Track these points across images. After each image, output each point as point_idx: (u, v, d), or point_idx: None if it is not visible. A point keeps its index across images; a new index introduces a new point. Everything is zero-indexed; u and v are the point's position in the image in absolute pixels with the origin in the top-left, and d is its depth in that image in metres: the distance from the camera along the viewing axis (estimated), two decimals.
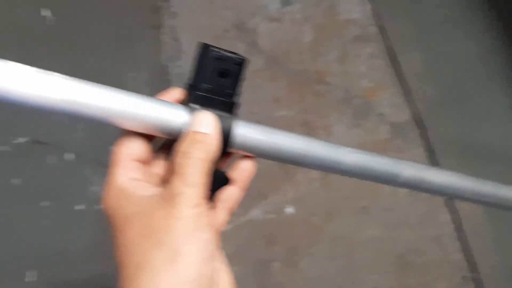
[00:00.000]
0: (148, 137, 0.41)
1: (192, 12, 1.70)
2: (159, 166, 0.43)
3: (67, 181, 1.18)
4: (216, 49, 0.40)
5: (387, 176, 0.47)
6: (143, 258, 0.35)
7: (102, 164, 1.30)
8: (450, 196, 0.51)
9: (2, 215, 1.00)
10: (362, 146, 1.39)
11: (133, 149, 0.40)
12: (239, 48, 1.60)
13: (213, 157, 0.39)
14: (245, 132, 0.42)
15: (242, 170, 0.44)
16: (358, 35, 1.55)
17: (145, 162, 0.41)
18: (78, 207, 1.19)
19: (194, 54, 0.42)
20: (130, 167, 0.39)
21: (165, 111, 0.39)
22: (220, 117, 0.40)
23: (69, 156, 1.18)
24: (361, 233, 1.31)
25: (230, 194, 0.43)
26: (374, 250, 1.30)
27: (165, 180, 0.41)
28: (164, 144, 0.43)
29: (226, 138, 0.40)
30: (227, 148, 0.41)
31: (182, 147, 0.38)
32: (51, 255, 1.09)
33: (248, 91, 1.55)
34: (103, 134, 0.56)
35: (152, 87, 1.62)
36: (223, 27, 1.65)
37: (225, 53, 0.41)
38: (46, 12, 1.24)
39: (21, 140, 1.07)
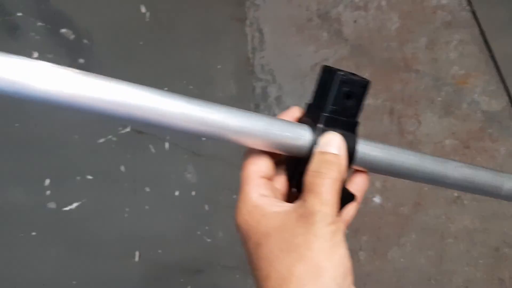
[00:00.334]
0: (271, 154, 0.44)
1: (275, 3, 1.72)
2: (279, 181, 0.45)
3: (166, 169, 1.25)
4: (343, 73, 0.42)
5: (489, 189, 0.49)
6: (288, 272, 0.37)
7: (195, 153, 1.36)
8: None
9: (112, 199, 1.08)
10: (454, 135, 1.35)
11: (261, 166, 0.43)
12: (324, 37, 1.60)
13: (343, 177, 0.41)
14: (364, 149, 0.44)
15: (359, 185, 0.46)
16: (448, 21, 1.50)
17: (269, 178, 0.44)
18: (175, 193, 1.26)
19: (318, 76, 0.44)
20: (259, 184, 0.42)
21: (292, 131, 0.42)
22: (345, 136, 0.42)
23: (167, 145, 1.25)
24: (453, 224, 1.27)
25: (349, 209, 0.46)
26: (466, 241, 1.26)
27: (284, 194, 0.45)
28: (280, 160, 0.46)
29: (351, 156, 0.42)
30: (350, 166, 0.43)
31: (314, 166, 0.41)
32: (151, 237, 1.16)
33: None
34: None
35: (237, 78, 1.66)
36: (306, 17, 1.66)
37: (352, 76, 0.43)
38: (144, 9, 1.31)
39: (126, 130, 1.14)
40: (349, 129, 0.43)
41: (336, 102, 0.42)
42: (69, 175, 1.01)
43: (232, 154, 1.51)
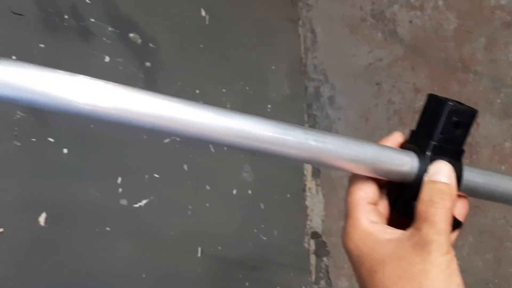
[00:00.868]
0: (375, 180, 0.45)
1: (328, 3, 1.73)
2: (381, 206, 0.47)
3: (224, 168, 1.29)
4: (452, 104, 0.43)
5: None
6: None
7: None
8: None
9: (176, 197, 1.13)
10: None
11: (368, 192, 0.44)
12: (378, 37, 1.60)
13: (454, 205, 0.42)
14: (469, 176, 0.45)
15: (461, 210, 0.47)
16: (507, 21, 1.47)
17: (375, 204, 0.45)
18: (233, 191, 1.30)
19: (424, 104, 0.46)
20: (368, 210, 0.44)
21: (399, 158, 0.43)
22: (452, 164, 0.43)
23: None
24: None
25: (454, 234, 0.47)
26: None
27: (387, 218, 0.46)
28: (382, 184, 0.47)
29: (458, 184, 0.44)
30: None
31: (427, 195, 0.42)
32: (211, 234, 1.21)
33: (387, 81, 1.55)
34: None
35: (290, 78, 1.69)
36: (360, 17, 1.66)
37: (460, 106, 0.44)
38: (204, 12, 1.35)
39: None
40: (455, 157, 0.44)
41: (445, 131, 0.43)
42: (138, 174, 1.06)
43: None
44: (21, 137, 0.91)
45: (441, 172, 0.43)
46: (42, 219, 0.88)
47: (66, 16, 1.06)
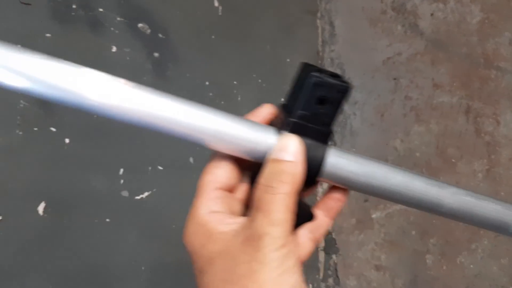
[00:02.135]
0: (237, 160, 0.38)
1: None
2: (242, 191, 0.39)
3: None
4: (317, 74, 0.36)
5: (494, 224, 0.43)
6: None
7: None
8: None
9: (181, 189, 1.12)
10: None
11: (217, 176, 0.37)
12: (398, 30, 1.54)
13: (298, 189, 0.35)
14: (338, 162, 0.38)
15: (333, 201, 0.41)
16: None
17: (230, 189, 0.38)
18: None
19: (297, 74, 0.39)
20: (212, 197, 0.36)
21: (255, 133, 0.36)
22: (311, 145, 0.37)
23: None
24: None
25: (317, 225, 0.40)
26: None
27: (247, 205, 0.39)
28: (249, 165, 0.39)
29: (318, 167, 0.37)
30: (317, 178, 0.38)
31: (264, 178, 0.34)
32: None
33: (406, 76, 1.50)
34: None
35: None
36: (380, 9, 1.61)
37: (328, 79, 0.37)
38: (217, 3, 1.33)
39: None
40: (319, 139, 0.37)
41: (308, 107, 0.37)
42: (141, 166, 1.05)
43: None
44: (24, 126, 0.91)
45: (285, 148, 0.35)
46: (41, 208, 0.89)
47: (74, 6, 1.06)
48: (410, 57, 1.50)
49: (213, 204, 0.36)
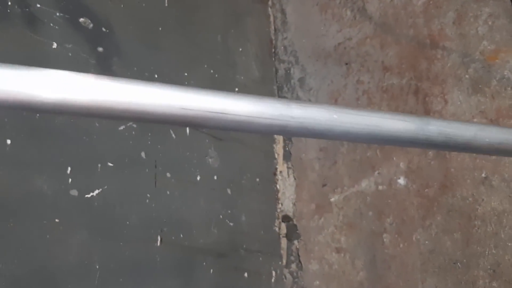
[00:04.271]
0: None
1: None
2: None
3: (187, 154, 1.26)
4: None
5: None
6: None
7: (216, 137, 1.36)
8: None
9: (133, 186, 1.10)
10: (482, 113, 1.30)
11: None
12: (348, 15, 1.56)
13: None
14: None
15: None
16: None
17: None
18: (197, 178, 1.27)
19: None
20: None
21: None
22: None
23: (188, 131, 1.26)
24: (480, 206, 1.24)
25: None
26: (494, 223, 1.22)
27: None
28: None
29: None
30: None
31: None
32: (172, 222, 1.19)
33: (357, 60, 1.51)
34: None
35: (259, 60, 1.65)
36: None
37: None
38: None
39: None
40: None
41: None
42: (90, 163, 1.03)
43: (254, 137, 1.51)
44: None
45: None
46: None
47: (9, 3, 1.03)
48: (360, 41, 1.52)
49: None
